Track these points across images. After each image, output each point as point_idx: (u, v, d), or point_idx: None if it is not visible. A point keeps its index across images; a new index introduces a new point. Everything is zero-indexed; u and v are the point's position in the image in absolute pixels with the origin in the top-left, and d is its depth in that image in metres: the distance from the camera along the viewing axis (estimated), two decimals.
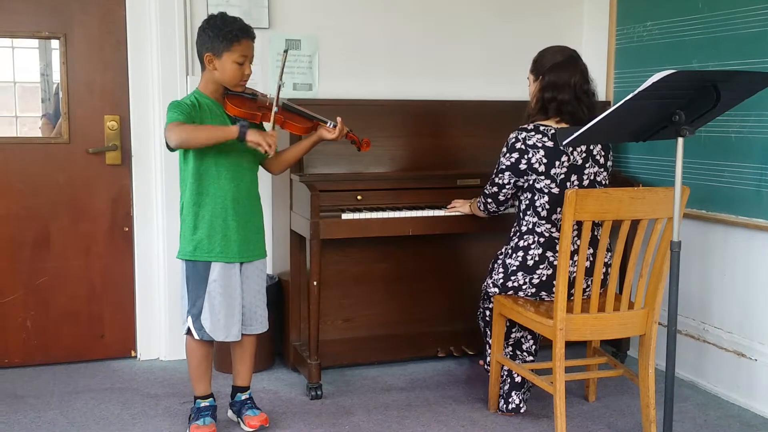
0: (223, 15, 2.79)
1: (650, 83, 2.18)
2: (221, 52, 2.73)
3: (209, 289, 2.80)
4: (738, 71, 2.46)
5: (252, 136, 2.60)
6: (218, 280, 2.80)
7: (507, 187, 3.00)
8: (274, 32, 3.72)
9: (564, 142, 2.47)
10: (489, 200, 3.09)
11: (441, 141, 3.69)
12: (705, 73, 2.55)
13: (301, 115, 2.91)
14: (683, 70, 2.30)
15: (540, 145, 2.89)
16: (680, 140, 2.35)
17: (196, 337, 2.85)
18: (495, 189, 3.04)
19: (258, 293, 2.93)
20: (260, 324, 2.95)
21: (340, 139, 2.93)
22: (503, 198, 3.05)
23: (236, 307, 2.84)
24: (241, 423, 2.99)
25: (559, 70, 2.95)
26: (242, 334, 2.91)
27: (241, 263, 2.85)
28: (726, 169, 3.29)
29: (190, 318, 2.84)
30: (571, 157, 2.91)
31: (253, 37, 2.79)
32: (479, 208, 3.17)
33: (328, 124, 2.90)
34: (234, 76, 2.76)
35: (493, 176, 3.03)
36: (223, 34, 2.72)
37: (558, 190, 2.90)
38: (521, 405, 3.12)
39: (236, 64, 2.74)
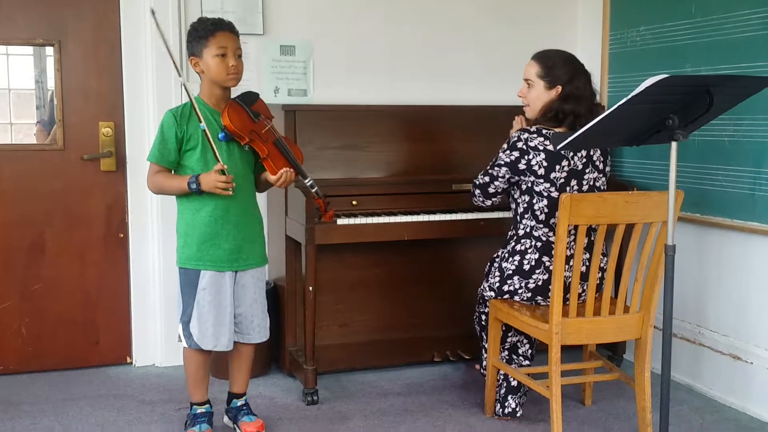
0: (200, 18, 2.81)
1: (643, 88, 2.19)
2: (201, 51, 2.73)
3: (198, 297, 2.79)
4: (731, 76, 2.47)
5: (207, 186, 2.67)
6: (207, 288, 2.78)
7: (500, 180, 3.00)
8: (268, 38, 3.73)
9: (558, 147, 2.48)
10: (478, 191, 3.09)
11: (436, 146, 3.69)
12: (698, 77, 2.56)
13: (286, 158, 2.79)
14: (676, 75, 2.31)
15: (542, 148, 2.89)
16: (674, 144, 2.35)
17: (185, 344, 2.84)
18: (487, 179, 3.03)
19: (255, 302, 2.90)
20: (258, 333, 2.92)
21: (280, 185, 2.80)
22: (493, 190, 3.04)
23: (226, 316, 2.81)
24: (237, 429, 2.98)
25: (576, 81, 2.95)
26: (240, 343, 2.91)
27: (236, 272, 2.84)
28: (720, 173, 3.31)
29: (180, 325, 2.84)
30: (572, 162, 2.91)
31: (231, 30, 2.76)
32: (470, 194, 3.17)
33: (307, 181, 2.81)
34: (219, 69, 2.72)
35: (488, 168, 3.02)
36: (198, 34, 2.74)
37: (557, 194, 2.89)
38: (517, 409, 3.12)
39: (217, 57, 2.71)
